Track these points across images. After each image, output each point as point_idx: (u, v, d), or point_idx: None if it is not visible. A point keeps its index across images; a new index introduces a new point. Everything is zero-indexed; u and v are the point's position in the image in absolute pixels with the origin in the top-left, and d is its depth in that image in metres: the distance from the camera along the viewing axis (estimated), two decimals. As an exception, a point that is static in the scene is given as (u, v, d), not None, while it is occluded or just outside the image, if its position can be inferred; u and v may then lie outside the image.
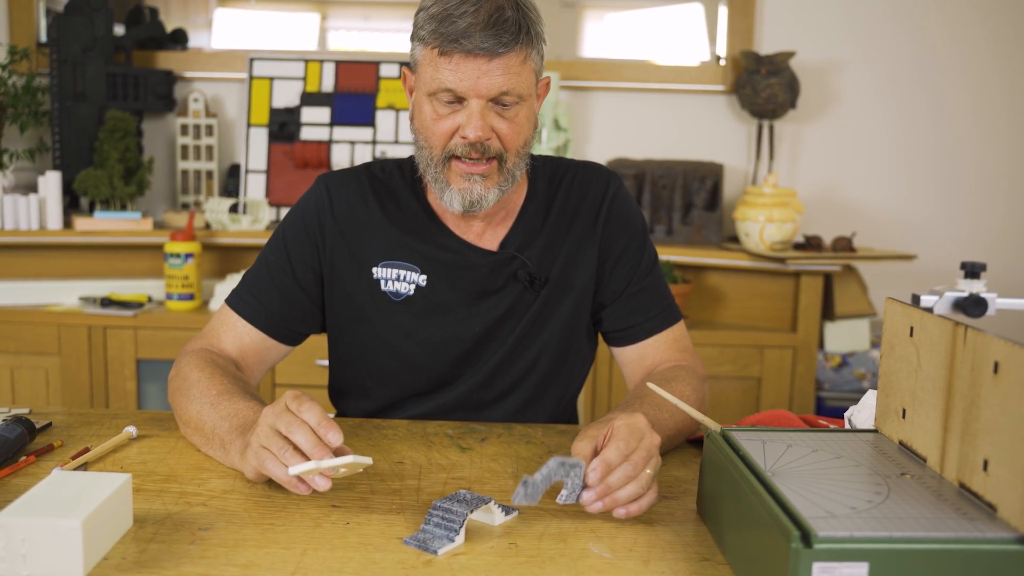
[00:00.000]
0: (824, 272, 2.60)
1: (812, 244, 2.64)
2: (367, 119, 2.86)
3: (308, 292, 1.36)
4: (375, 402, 1.39)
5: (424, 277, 1.33)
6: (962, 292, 0.92)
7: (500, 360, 1.35)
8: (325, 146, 2.84)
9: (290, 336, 1.37)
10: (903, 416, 0.98)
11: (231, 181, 2.91)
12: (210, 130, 2.90)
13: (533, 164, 1.38)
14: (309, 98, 2.87)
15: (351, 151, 2.85)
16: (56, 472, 0.94)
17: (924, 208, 2.98)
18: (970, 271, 0.91)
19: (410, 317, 1.34)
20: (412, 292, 1.33)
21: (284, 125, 2.86)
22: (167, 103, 2.88)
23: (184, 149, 2.90)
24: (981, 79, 2.93)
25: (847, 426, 1.19)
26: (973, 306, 0.90)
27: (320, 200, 1.36)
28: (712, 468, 0.98)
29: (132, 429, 1.21)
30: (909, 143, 2.97)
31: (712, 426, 1.03)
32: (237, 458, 1.07)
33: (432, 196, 1.35)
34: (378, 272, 1.34)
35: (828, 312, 2.64)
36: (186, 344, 1.34)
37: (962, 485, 0.85)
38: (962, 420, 0.85)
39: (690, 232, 2.82)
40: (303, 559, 0.88)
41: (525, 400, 1.38)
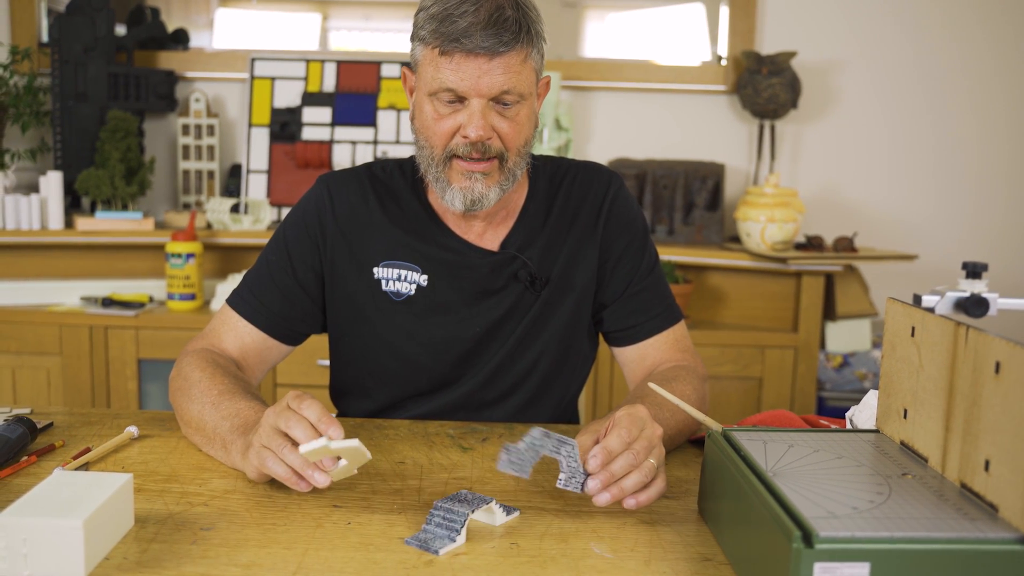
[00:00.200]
0: (825, 272, 2.60)
1: (813, 244, 2.64)
2: (368, 119, 2.86)
3: (309, 292, 1.36)
4: (376, 402, 1.39)
5: (425, 277, 1.33)
6: (963, 292, 0.92)
7: (501, 360, 1.35)
8: (326, 146, 2.84)
9: (291, 336, 1.37)
10: (904, 416, 0.98)
11: (232, 181, 2.91)
12: (211, 130, 2.90)
13: (534, 164, 1.38)
14: (310, 98, 2.87)
15: (352, 151, 2.85)
16: (57, 472, 0.94)
17: (925, 208, 2.98)
18: (971, 271, 0.91)
19: (411, 317, 1.34)
20: (413, 292, 1.33)
21: (285, 125, 2.86)
22: (168, 103, 2.88)
23: (185, 149, 2.90)
24: (982, 79, 2.93)
25: (848, 426, 1.19)
26: (974, 306, 0.90)
27: (321, 200, 1.36)
28: (713, 468, 0.98)
29: (133, 429, 1.21)
30: (910, 143, 2.96)
31: (713, 426, 1.03)
32: (238, 458, 1.07)
33: (433, 196, 1.35)
34: (379, 272, 1.34)
35: (829, 312, 2.63)
36: (187, 344, 1.34)
37: (963, 485, 0.85)
38: (963, 420, 0.85)
39: (691, 232, 2.81)
40: (304, 559, 0.88)
41: (526, 400, 1.38)
